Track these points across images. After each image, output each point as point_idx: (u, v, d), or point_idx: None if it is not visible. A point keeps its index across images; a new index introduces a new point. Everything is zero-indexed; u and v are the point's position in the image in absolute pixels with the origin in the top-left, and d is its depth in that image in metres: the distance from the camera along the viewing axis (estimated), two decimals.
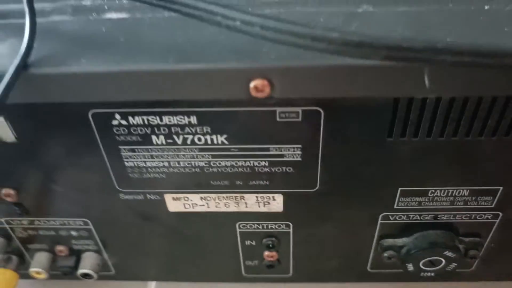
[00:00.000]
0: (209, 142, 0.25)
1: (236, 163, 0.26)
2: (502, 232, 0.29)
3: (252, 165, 0.26)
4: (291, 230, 0.30)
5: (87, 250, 0.33)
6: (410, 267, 0.30)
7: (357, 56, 0.17)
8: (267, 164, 0.26)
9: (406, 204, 0.28)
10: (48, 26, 0.23)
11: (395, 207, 0.28)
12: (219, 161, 0.26)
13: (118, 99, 0.22)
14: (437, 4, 0.22)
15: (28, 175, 0.27)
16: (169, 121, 0.24)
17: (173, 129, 0.24)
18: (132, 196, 0.28)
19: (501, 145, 0.24)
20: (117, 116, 0.23)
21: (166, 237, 0.31)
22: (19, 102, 0.22)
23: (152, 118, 0.23)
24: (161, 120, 0.24)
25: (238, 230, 0.30)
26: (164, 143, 0.25)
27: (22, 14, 0.23)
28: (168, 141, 0.25)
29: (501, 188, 0.27)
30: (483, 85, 0.21)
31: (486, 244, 0.30)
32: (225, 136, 0.24)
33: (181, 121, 0.24)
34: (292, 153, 0.25)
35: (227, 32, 0.19)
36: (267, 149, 0.25)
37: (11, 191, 0.28)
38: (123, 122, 0.24)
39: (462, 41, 0.16)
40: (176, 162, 0.26)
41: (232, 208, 0.29)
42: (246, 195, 0.28)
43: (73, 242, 0.32)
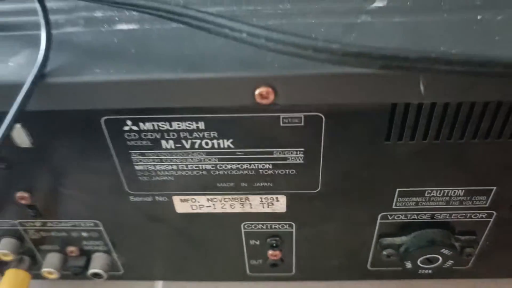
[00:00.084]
0: (215, 146, 0.25)
1: (242, 166, 0.26)
2: (496, 230, 0.30)
3: (256, 167, 0.26)
4: (294, 230, 0.30)
5: (97, 251, 0.33)
6: (408, 264, 0.31)
7: (356, 65, 0.17)
8: (271, 167, 0.26)
9: (404, 204, 0.28)
10: (62, 38, 0.23)
11: (394, 207, 0.28)
12: (225, 164, 0.26)
13: (129, 106, 0.23)
14: (432, 15, 0.23)
15: (42, 178, 0.28)
16: (178, 127, 0.24)
17: (181, 134, 0.25)
18: (141, 198, 0.28)
19: (493, 147, 0.24)
20: (129, 122, 0.24)
21: (174, 238, 0.32)
22: (36, 109, 0.22)
23: (162, 124, 0.24)
24: (171, 126, 0.24)
25: (243, 230, 0.31)
26: (173, 147, 0.25)
27: (35, 25, 0.23)
28: (177, 145, 0.25)
29: (495, 188, 0.27)
30: (475, 92, 0.21)
31: (481, 242, 0.31)
32: (231, 140, 0.25)
33: (189, 127, 0.24)
34: (294, 156, 0.25)
35: (233, 43, 0.19)
36: (271, 153, 0.25)
37: (26, 194, 0.29)
38: (134, 127, 0.24)
39: (455, 51, 0.17)
40: (184, 166, 0.26)
41: (238, 209, 0.29)
42: (251, 197, 0.28)
43: (84, 243, 0.32)
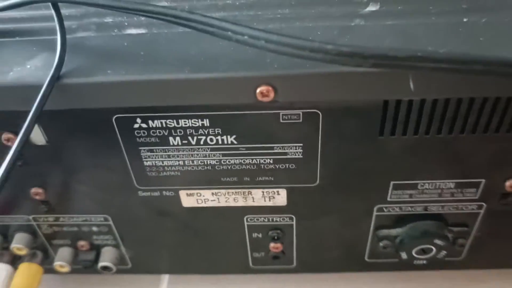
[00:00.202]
0: (220, 142, 0.26)
1: (244, 161, 0.27)
2: (487, 221, 0.30)
3: (258, 162, 0.27)
4: (294, 223, 0.31)
5: (106, 245, 0.34)
6: (404, 255, 0.32)
7: (350, 64, 0.18)
8: (271, 162, 0.27)
9: (398, 196, 0.29)
10: (75, 42, 0.25)
11: (388, 199, 0.29)
12: (229, 159, 0.27)
13: (139, 104, 0.24)
14: (421, 18, 0.24)
15: (55, 175, 0.29)
16: (185, 124, 0.25)
17: (188, 131, 0.26)
18: (149, 193, 0.29)
19: (481, 141, 0.25)
20: (138, 120, 0.25)
21: (180, 231, 0.32)
22: (52, 109, 0.23)
23: (169, 121, 0.25)
24: (178, 123, 0.25)
25: (246, 223, 0.31)
26: (180, 143, 0.26)
27: (50, 31, 0.25)
28: (184, 141, 0.26)
29: (484, 180, 0.28)
30: (461, 88, 0.22)
31: (473, 233, 0.31)
32: (234, 136, 0.26)
33: (195, 124, 0.25)
34: (294, 151, 0.26)
35: (236, 45, 0.21)
36: (271, 148, 0.26)
37: (40, 190, 0.29)
38: (144, 125, 0.25)
39: (441, 50, 0.18)
40: (190, 161, 0.27)
41: (241, 203, 0.30)
42: (253, 190, 0.29)
43: (94, 237, 0.33)
